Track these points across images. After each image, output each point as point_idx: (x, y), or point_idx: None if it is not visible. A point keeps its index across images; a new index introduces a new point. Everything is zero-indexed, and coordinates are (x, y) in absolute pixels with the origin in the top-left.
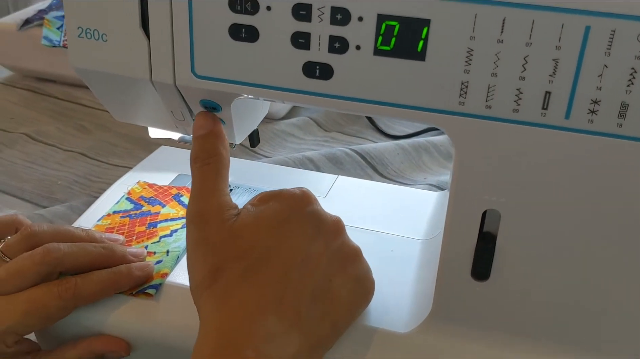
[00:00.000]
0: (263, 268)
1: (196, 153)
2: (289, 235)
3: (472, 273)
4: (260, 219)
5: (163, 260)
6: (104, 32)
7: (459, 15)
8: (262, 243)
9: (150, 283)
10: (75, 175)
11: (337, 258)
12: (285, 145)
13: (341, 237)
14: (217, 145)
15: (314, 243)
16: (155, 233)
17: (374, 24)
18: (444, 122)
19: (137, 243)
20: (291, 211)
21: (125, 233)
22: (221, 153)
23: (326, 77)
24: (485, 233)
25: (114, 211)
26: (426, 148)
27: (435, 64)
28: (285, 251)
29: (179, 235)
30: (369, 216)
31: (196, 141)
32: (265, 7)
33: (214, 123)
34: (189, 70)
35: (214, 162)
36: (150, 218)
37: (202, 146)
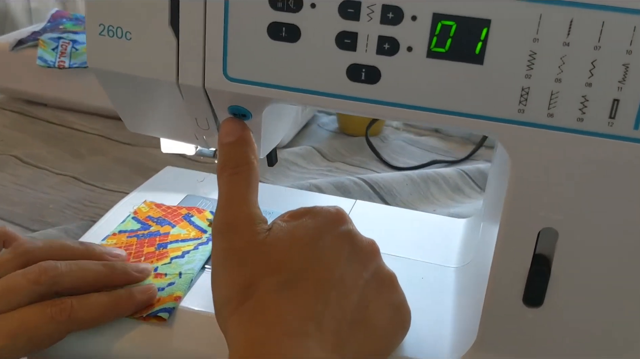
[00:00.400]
0: (299, 284)
1: (224, 161)
2: (324, 253)
3: (524, 299)
4: (294, 234)
5: (175, 282)
6: (128, 30)
7: (523, 15)
8: (298, 259)
9: (163, 306)
10: (68, 199)
11: (373, 282)
12: (288, 174)
13: (377, 261)
14: (247, 152)
15: (350, 264)
16: (166, 254)
17: (428, 24)
18: (501, 131)
19: (146, 264)
20: (326, 229)
21: (133, 253)
22: (252, 161)
23: (373, 80)
24: (537, 255)
25: (120, 231)
26: (435, 180)
27: (494, 68)
28: (321, 269)
29: (192, 256)
30: (393, 242)
31: (223, 148)
32: (309, 4)
33: (243, 129)
34: (221, 72)
35: (244, 171)
36: (159, 239)
37: (230, 154)
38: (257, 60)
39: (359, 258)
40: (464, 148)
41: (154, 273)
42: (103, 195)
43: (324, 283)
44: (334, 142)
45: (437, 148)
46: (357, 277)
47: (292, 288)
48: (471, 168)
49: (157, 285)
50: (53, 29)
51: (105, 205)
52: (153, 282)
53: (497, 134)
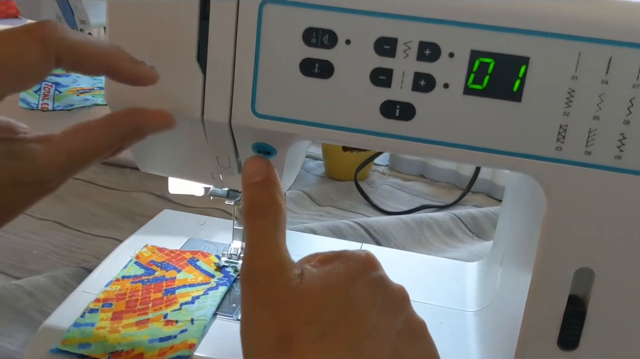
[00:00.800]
0: (335, 334)
1: (252, 204)
2: (358, 301)
3: (559, 342)
4: (327, 281)
5: (188, 329)
6: (153, 64)
7: (562, 53)
8: (332, 308)
9: (177, 354)
10: (52, 244)
11: (405, 331)
12: None
13: (408, 308)
14: (275, 194)
15: (382, 312)
16: (175, 299)
17: (466, 61)
18: (538, 169)
19: (155, 311)
20: (358, 275)
21: (140, 299)
22: (280, 203)
23: (407, 117)
24: (571, 296)
25: (124, 276)
26: (428, 224)
27: (532, 106)
28: (355, 318)
29: (202, 302)
30: (405, 287)
31: (250, 189)
32: (344, 40)
33: (268, 168)
34: (249, 109)
35: (273, 213)
36: (166, 284)
37: (258, 195)
38: (288, 97)
39: (390, 306)
40: (450, 194)
41: (164, 320)
42: (88, 240)
43: (358, 333)
44: (323, 186)
45: (424, 193)
46: (389, 326)
47: (327, 339)
48: (463, 213)
49: (168, 333)
50: None
51: (92, 251)
52: (164, 330)
53: (534, 172)
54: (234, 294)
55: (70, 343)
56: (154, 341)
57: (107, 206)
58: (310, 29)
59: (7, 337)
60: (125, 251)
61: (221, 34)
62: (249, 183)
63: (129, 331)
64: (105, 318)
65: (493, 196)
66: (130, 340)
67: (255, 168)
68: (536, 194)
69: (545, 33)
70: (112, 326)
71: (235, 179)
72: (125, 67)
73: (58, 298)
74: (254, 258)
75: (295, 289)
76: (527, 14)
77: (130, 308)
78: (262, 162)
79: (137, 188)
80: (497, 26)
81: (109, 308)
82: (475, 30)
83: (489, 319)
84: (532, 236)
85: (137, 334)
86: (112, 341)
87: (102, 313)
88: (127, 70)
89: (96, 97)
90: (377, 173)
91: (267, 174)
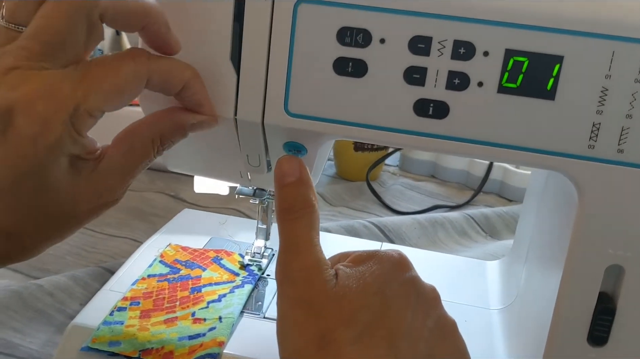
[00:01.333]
0: (372, 336)
1: (287, 204)
2: (393, 302)
3: (589, 338)
4: (363, 282)
5: (217, 327)
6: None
7: (595, 52)
8: (369, 309)
9: (207, 351)
10: (69, 245)
11: (437, 331)
12: None
13: (439, 308)
14: (309, 194)
15: (416, 312)
16: (201, 298)
17: (500, 60)
18: (570, 167)
19: (182, 309)
20: (392, 276)
21: (167, 298)
22: (314, 203)
23: (441, 115)
24: (601, 293)
25: (149, 275)
26: (442, 223)
27: (565, 104)
28: (391, 319)
29: (229, 300)
30: None
31: (284, 189)
32: (378, 39)
33: (301, 168)
34: (282, 108)
35: (307, 214)
36: (192, 282)
37: (292, 196)
38: (321, 96)
39: (423, 306)
40: (461, 194)
41: (192, 318)
42: (103, 240)
43: (394, 333)
44: (335, 187)
45: (436, 193)
46: (423, 326)
47: (365, 340)
48: (476, 213)
49: (197, 331)
50: None
51: (108, 251)
52: (192, 328)
53: (566, 171)
54: (259, 292)
55: (101, 341)
56: (183, 339)
57: (120, 206)
58: (345, 28)
59: (29, 336)
60: (149, 250)
61: (255, 34)
62: (282, 183)
63: (158, 329)
64: (133, 316)
65: (504, 196)
66: (160, 338)
67: (288, 169)
68: (567, 192)
69: (579, 32)
70: (141, 324)
71: (264, 178)
72: (159, 31)
73: (78, 297)
74: (290, 259)
75: (332, 290)
76: (562, 13)
77: (157, 306)
78: (295, 162)
79: (149, 188)
80: (532, 25)
81: (137, 306)
82: (509, 29)
83: (514, 316)
84: (561, 235)
85: (167, 332)
86: (142, 339)
87: (130, 311)
88: (160, 35)
89: None
90: (387, 173)
91: (300, 174)
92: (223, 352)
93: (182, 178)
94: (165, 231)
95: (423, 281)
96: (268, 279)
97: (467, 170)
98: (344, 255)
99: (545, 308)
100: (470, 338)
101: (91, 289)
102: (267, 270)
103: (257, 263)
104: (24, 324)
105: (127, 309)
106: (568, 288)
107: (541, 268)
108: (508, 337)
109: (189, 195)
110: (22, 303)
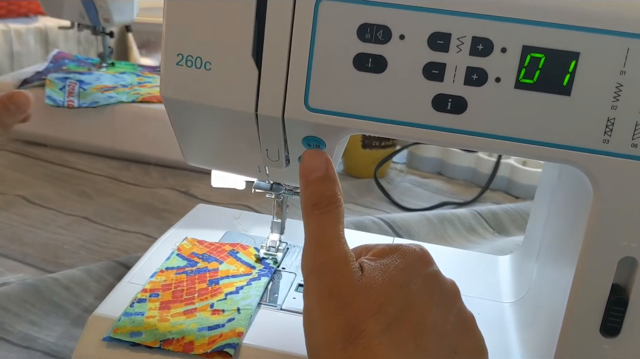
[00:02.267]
0: (399, 329)
1: (315, 199)
2: (417, 296)
3: (601, 329)
4: (388, 275)
5: (235, 318)
6: (208, 60)
7: (611, 48)
8: (394, 302)
9: (227, 341)
10: (82, 239)
11: (458, 325)
12: (300, 214)
13: (459, 302)
14: (335, 189)
15: (439, 307)
16: (219, 290)
17: (517, 56)
18: (585, 162)
19: (201, 300)
20: (416, 270)
21: (185, 289)
22: (340, 198)
23: (459, 111)
24: (613, 284)
25: (167, 268)
26: (450, 220)
27: (581, 100)
28: (416, 313)
29: (246, 292)
30: None
31: (311, 185)
32: (398, 35)
33: (328, 164)
34: (302, 103)
35: (334, 209)
36: (210, 275)
37: (319, 191)
38: (340, 91)
39: (445, 301)
40: (468, 191)
41: (210, 310)
42: (117, 235)
43: (420, 327)
44: (343, 184)
45: (443, 190)
46: (445, 321)
47: (394, 333)
48: (484, 209)
49: (216, 322)
50: (57, 69)
51: (121, 246)
52: (212, 319)
53: (581, 164)
54: (275, 284)
55: (122, 331)
56: (202, 329)
57: (132, 202)
58: (365, 25)
59: (46, 329)
60: (165, 244)
61: (277, 31)
62: (309, 179)
63: (178, 320)
64: (153, 307)
65: (511, 193)
66: (180, 329)
67: (314, 164)
68: (581, 187)
69: (595, 29)
70: (161, 316)
71: (281, 172)
72: None
73: (93, 291)
74: (317, 252)
75: (359, 281)
76: (578, 10)
77: (176, 298)
78: (321, 157)
79: (161, 184)
80: (549, 22)
81: (156, 298)
82: (527, 26)
83: (527, 309)
84: (575, 228)
85: (186, 323)
86: (163, 330)
87: (150, 303)
88: None
89: (120, 95)
90: (395, 170)
91: (327, 170)
92: (242, 342)
93: (192, 174)
94: (181, 225)
95: (444, 276)
96: (283, 272)
97: (473, 167)
98: (365, 248)
99: (558, 300)
100: (483, 330)
101: (105, 283)
102: (282, 263)
103: (272, 256)
104: (41, 318)
105: (147, 301)
106: (581, 280)
107: (554, 261)
108: (520, 329)
109: (200, 191)
110: (39, 296)
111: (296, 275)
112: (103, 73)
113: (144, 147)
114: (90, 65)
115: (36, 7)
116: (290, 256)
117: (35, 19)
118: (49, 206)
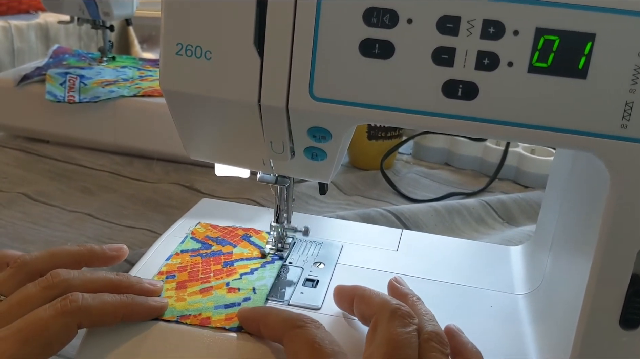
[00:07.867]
0: None
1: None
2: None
3: (620, 321)
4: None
5: (251, 297)
6: (209, 49)
7: (628, 29)
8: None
9: None
10: (86, 236)
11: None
12: (308, 208)
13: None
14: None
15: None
16: (234, 270)
17: (530, 39)
18: (602, 148)
19: (216, 279)
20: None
21: (201, 270)
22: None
23: (470, 97)
24: (633, 275)
25: (182, 251)
26: (459, 211)
27: (597, 83)
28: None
29: (261, 273)
30: (451, 271)
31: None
32: (405, 19)
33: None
34: (307, 92)
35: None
36: (224, 257)
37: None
38: (346, 79)
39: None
40: (475, 181)
41: (226, 288)
42: (121, 231)
43: None
44: (349, 176)
45: (450, 180)
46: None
47: None
48: (492, 199)
49: (232, 300)
50: (57, 65)
51: (125, 242)
52: (227, 297)
53: (598, 151)
54: (282, 280)
55: None
56: (219, 307)
57: (135, 197)
58: (371, 9)
59: None
60: (170, 239)
61: (279, 17)
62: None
63: (195, 298)
64: (170, 288)
65: (520, 182)
66: (197, 306)
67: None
68: (597, 175)
69: (611, 9)
70: (177, 295)
71: (287, 165)
72: (138, 309)
73: None
74: None
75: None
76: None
77: (192, 277)
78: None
79: (164, 179)
80: (563, 3)
81: (173, 279)
82: (540, 7)
83: (541, 301)
84: (591, 218)
85: (203, 301)
86: (180, 308)
87: (166, 284)
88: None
89: (121, 89)
90: (401, 161)
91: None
92: None
93: (196, 169)
94: (185, 221)
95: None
96: (290, 267)
97: (481, 157)
98: None
99: (575, 292)
100: (497, 323)
101: None
102: (288, 258)
103: (278, 251)
104: None
105: (164, 282)
106: (599, 272)
107: (568, 252)
108: (535, 321)
109: (204, 186)
110: None
111: (303, 269)
112: (104, 67)
113: (146, 142)
114: (91, 60)
115: (36, 4)
116: (296, 250)
117: (36, 15)
118: (52, 203)
